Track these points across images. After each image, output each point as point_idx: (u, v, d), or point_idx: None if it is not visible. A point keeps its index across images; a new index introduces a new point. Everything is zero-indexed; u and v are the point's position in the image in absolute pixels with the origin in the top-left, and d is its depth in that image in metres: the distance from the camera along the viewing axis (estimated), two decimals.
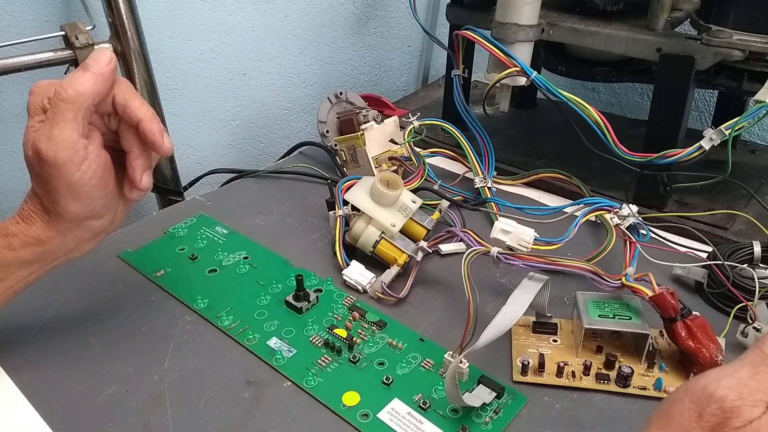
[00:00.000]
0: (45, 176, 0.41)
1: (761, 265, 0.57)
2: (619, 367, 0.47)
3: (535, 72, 0.61)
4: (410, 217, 0.60)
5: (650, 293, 0.47)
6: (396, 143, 0.72)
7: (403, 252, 0.58)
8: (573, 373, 0.48)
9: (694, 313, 0.47)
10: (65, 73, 0.66)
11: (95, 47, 0.65)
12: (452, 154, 0.77)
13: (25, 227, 0.44)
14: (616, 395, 0.47)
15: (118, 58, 0.69)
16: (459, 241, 0.60)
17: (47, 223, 0.44)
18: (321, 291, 0.57)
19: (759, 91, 0.56)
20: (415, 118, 0.70)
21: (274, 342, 0.51)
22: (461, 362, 0.44)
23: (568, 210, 0.60)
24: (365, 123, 0.72)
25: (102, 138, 0.44)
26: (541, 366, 0.48)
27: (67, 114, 0.40)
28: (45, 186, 0.42)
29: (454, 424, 0.44)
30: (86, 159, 0.42)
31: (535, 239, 0.50)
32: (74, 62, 0.65)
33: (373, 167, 0.71)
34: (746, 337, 0.50)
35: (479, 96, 0.78)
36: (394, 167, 0.71)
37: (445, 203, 0.62)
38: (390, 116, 0.75)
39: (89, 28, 0.65)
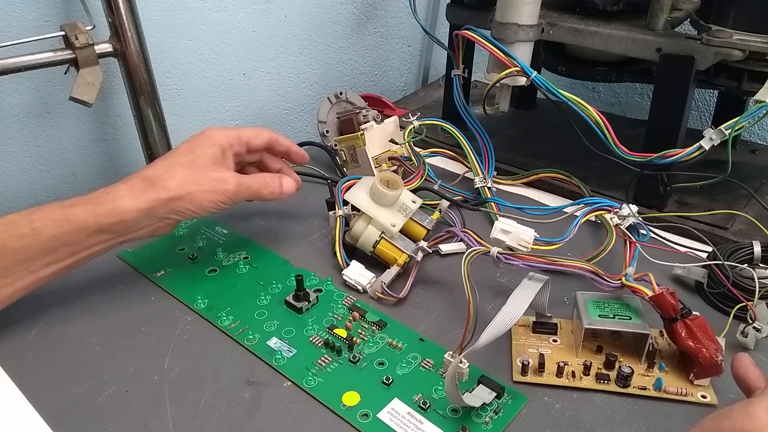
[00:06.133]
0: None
1: (761, 265, 0.57)
2: (619, 367, 0.47)
3: (535, 72, 0.61)
4: (410, 217, 0.60)
5: (650, 293, 0.47)
6: (396, 143, 0.72)
7: (403, 252, 0.58)
8: (573, 373, 0.48)
9: (694, 313, 0.47)
10: (65, 73, 0.66)
11: (96, 48, 0.65)
12: (452, 154, 0.77)
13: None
14: (616, 395, 0.47)
15: (118, 57, 0.69)
16: (459, 241, 0.60)
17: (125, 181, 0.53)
18: (321, 291, 0.57)
19: (759, 91, 0.56)
20: (415, 118, 0.70)
21: (274, 342, 0.51)
22: (461, 362, 0.44)
23: (568, 210, 0.60)
24: (365, 123, 0.72)
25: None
26: (541, 366, 0.48)
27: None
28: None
29: (454, 424, 0.44)
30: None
31: (535, 239, 0.50)
32: (74, 62, 0.65)
33: (373, 167, 0.71)
34: (746, 337, 0.50)
35: (479, 96, 0.78)
36: (394, 167, 0.71)
37: (445, 203, 0.62)
38: (390, 116, 0.75)
39: (89, 28, 0.65)
